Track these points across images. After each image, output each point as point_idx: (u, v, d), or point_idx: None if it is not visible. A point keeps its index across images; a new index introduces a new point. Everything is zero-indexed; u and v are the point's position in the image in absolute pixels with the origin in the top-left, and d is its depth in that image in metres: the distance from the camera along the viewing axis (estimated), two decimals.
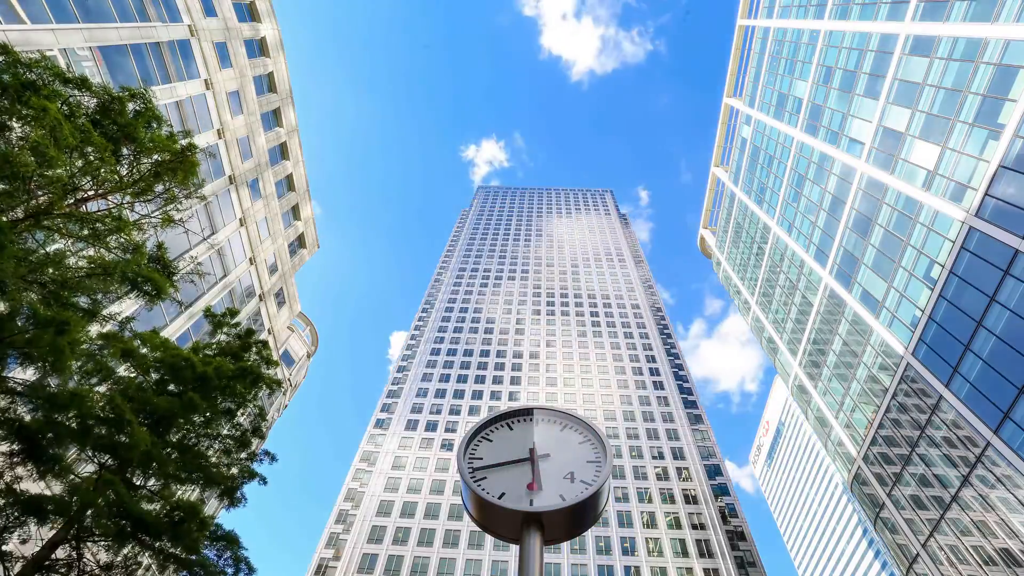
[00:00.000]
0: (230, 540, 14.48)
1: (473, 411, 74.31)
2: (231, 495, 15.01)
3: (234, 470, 16.01)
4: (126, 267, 13.07)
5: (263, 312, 39.21)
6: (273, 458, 16.56)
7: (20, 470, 12.38)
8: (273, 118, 39.13)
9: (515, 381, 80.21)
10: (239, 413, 16.45)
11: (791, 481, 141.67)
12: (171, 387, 14.77)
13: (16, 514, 11.68)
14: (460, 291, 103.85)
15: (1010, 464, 26.63)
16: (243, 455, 16.40)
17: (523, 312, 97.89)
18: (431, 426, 71.83)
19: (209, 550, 14.27)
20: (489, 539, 56.60)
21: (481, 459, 3.37)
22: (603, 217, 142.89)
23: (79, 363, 12.79)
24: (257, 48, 36.42)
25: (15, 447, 11.90)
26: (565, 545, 55.40)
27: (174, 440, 14.92)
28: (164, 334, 26.80)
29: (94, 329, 14.84)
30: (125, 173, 13.90)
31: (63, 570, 13.02)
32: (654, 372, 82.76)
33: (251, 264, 36.64)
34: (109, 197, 13.97)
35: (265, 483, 16.07)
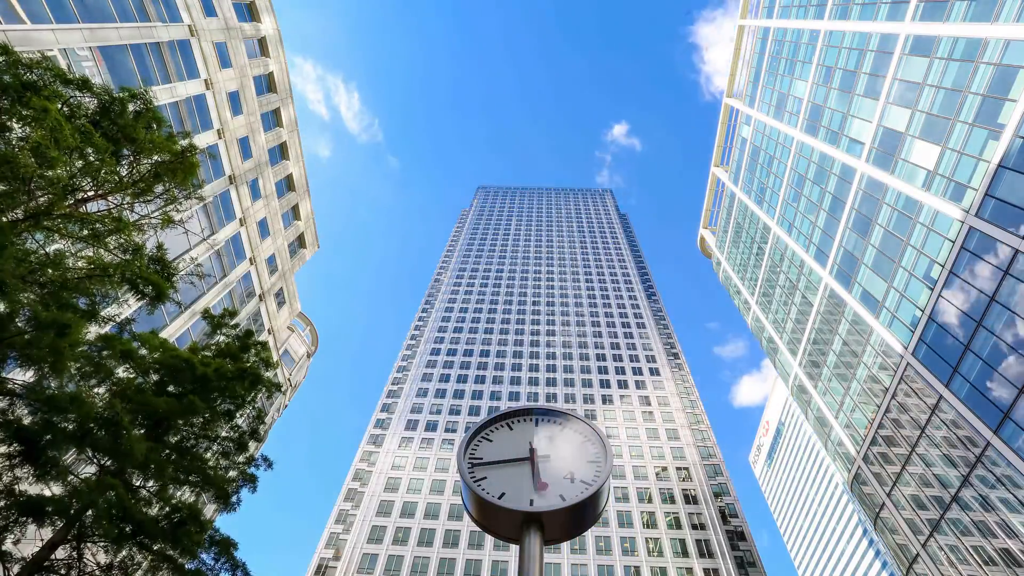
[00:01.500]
0: (226, 544, 14.43)
1: (473, 411, 74.31)
2: (226, 499, 14.97)
3: (232, 473, 15.97)
4: (126, 268, 13.07)
5: (263, 312, 39.21)
6: (270, 464, 16.48)
7: (19, 472, 12.37)
8: (273, 117, 39.14)
9: (515, 381, 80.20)
10: (238, 415, 16.42)
11: (791, 481, 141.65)
12: (170, 388, 14.76)
13: (15, 515, 11.67)
14: (460, 291, 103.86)
15: (1010, 464, 26.62)
16: (241, 459, 16.35)
17: (523, 312, 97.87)
18: (431, 426, 71.83)
19: (206, 554, 14.23)
20: (489, 539, 56.60)
21: (481, 459, 3.38)
22: (603, 217, 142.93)
23: (78, 365, 12.78)
24: (257, 47, 36.43)
25: (14, 449, 11.90)
26: (565, 545, 55.39)
27: (173, 442, 14.91)
28: (164, 334, 26.80)
29: (93, 330, 14.83)
30: (125, 174, 13.90)
31: (63, 570, 13.02)
32: (654, 372, 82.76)
33: (251, 264, 36.64)
34: (109, 198, 13.97)
35: (255, 491, 16.00)
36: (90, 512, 12.01)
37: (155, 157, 14.04)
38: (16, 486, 12.24)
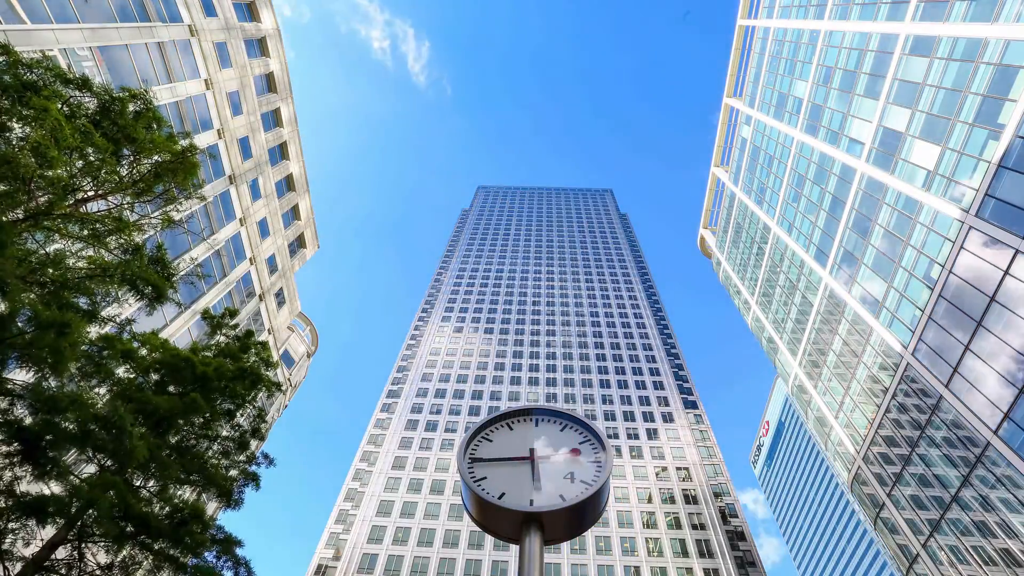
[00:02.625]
0: (229, 542, 14.42)
1: (473, 411, 74.31)
2: (229, 497, 14.99)
3: (233, 472, 15.98)
4: (126, 268, 13.07)
5: (263, 311, 39.21)
6: (271, 462, 16.51)
7: (19, 471, 12.37)
8: (273, 117, 39.14)
9: (515, 381, 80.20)
10: (239, 414, 16.43)
11: (791, 481, 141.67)
12: (171, 388, 14.75)
13: (17, 515, 11.67)
14: (460, 291, 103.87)
15: (1010, 464, 26.63)
16: (242, 457, 16.36)
17: (523, 312, 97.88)
18: (431, 426, 71.82)
19: (208, 552, 14.23)
20: (489, 539, 56.60)
21: (481, 459, 3.38)
22: (603, 217, 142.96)
23: (78, 365, 12.78)
24: (257, 47, 36.43)
25: (14, 448, 11.90)
26: (565, 545, 55.40)
27: (173, 442, 14.91)
28: (164, 334, 26.80)
29: (93, 330, 14.82)
30: (125, 174, 13.91)
31: (63, 570, 13.01)
32: (654, 372, 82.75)
33: (251, 264, 36.64)
34: (109, 198, 13.98)
35: (258, 488, 16.01)
36: (91, 512, 12.01)
37: (155, 157, 14.04)
38: (16, 486, 12.24)
